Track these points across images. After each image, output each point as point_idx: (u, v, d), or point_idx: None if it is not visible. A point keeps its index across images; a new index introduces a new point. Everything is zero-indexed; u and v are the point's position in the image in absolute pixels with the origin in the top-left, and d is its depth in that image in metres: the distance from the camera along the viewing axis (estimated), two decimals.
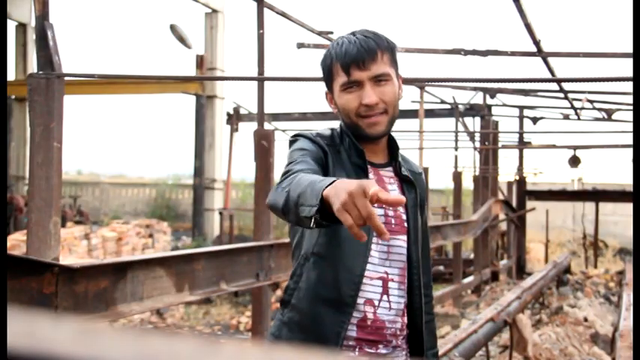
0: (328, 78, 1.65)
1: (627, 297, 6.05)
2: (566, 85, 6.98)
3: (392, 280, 1.62)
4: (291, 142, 1.66)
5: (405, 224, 1.66)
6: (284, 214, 1.42)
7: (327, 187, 1.25)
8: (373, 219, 1.16)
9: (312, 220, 1.27)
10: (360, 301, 1.59)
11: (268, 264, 3.57)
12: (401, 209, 1.66)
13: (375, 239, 1.60)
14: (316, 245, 1.60)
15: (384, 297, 1.61)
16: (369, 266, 1.60)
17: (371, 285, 1.60)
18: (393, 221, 1.64)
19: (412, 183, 1.70)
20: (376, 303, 1.60)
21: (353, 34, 1.62)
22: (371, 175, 1.64)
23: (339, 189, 1.21)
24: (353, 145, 1.63)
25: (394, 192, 1.66)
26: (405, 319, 1.66)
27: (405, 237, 1.65)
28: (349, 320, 1.58)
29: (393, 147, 1.71)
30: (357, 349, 1.60)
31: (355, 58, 1.56)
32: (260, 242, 3.59)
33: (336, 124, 1.74)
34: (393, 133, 1.73)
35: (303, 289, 1.61)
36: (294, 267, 1.66)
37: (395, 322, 1.63)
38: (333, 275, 1.58)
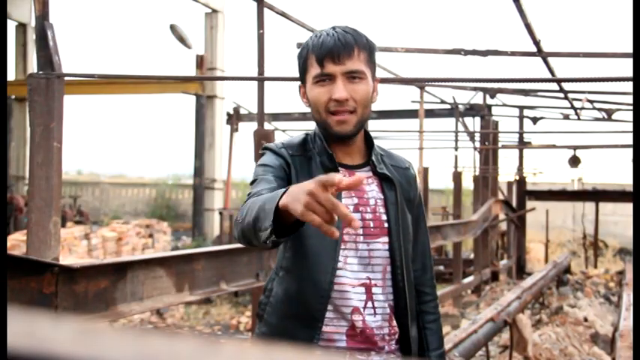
0: (303, 70, 1.60)
1: (627, 297, 6.05)
2: (566, 85, 6.98)
3: (375, 285, 1.58)
4: (260, 156, 1.64)
5: (386, 224, 1.61)
6: (251, 245, 1.42)
7: (280, 199, 1.22)
8: (340, 209, 1.12)
9: (270, 241, 1.27)
10: (347, 310, 1.55)
11: (268, 264, 3.57)
12: (381, 209, 1.61)
13: (354, 245, 1.57)
14: (284, 259, 1.59)
15: (369, 303, 1.57)
16: (349, 274, 1.56)
17: (354, 293, 1.56)
18: (371, 224, 1.59)
19: (391, 180, 1.63)
20: (362, 310, 1.56)
21: (333, 28, 1.58)
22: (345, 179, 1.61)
23: (296, 193, 1.17)
24: (323, 149, 1.59)
25: (372, 192, 1.62)
26: (394, 322, 1.62)
27: (385, 239, 1.60)
28: (319, 335, 1.54)
29: (370, 145, 1.66)
30: (347, 353, 1.56)
31: (331, 51, 1.52)
32: None
33: None
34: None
35: (273, 303, 1.60)
36: (266, 281, 1.66)
37: (382, 327, 1.58)
38: (299, 290, 1.55)
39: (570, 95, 8.07)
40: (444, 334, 1.87)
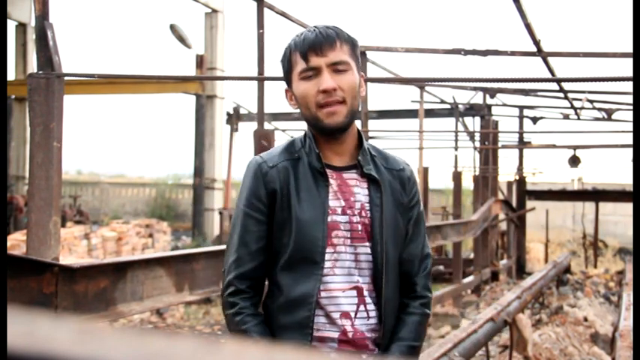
0: (288, 70, 1.60)
1: (627, 297, 6.05)
2: (566, 85, 6.99)
3: (364, 288, 1.57)
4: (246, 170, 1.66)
5: (369, 229, 1.59)
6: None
7: None
8: None
9: None
10: (335, 315, 1.55)
11: None
12: (368, 213, 1.59)
13: (343, 248, 1.56)
14: (274, 275, 1.59)
15: (361, 307, 1.56)
16: (338, 278, 1.56)
17: (345, 297, 1.55)
18: (359, 227, 1.58)
19: (378, 182, 1.60)
20: (352, 315, 1.55)
21: (315, 26, 1.59)
22: (332, 180, 1.58)
23: None
24: (312, 148, 1.58)
25: (359, 195, 1.59)
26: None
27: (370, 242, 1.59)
28: (310, 341, 1.54)
29: (361, 147, 1.63)
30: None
31: (313, 44, 1.53)
32: None
33: None
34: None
35: (267, 316, 1.61)
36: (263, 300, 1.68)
37: (375, 330, 1.58)
38: (289, 300, 1.56)
39: (570, 95, 8.08)
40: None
